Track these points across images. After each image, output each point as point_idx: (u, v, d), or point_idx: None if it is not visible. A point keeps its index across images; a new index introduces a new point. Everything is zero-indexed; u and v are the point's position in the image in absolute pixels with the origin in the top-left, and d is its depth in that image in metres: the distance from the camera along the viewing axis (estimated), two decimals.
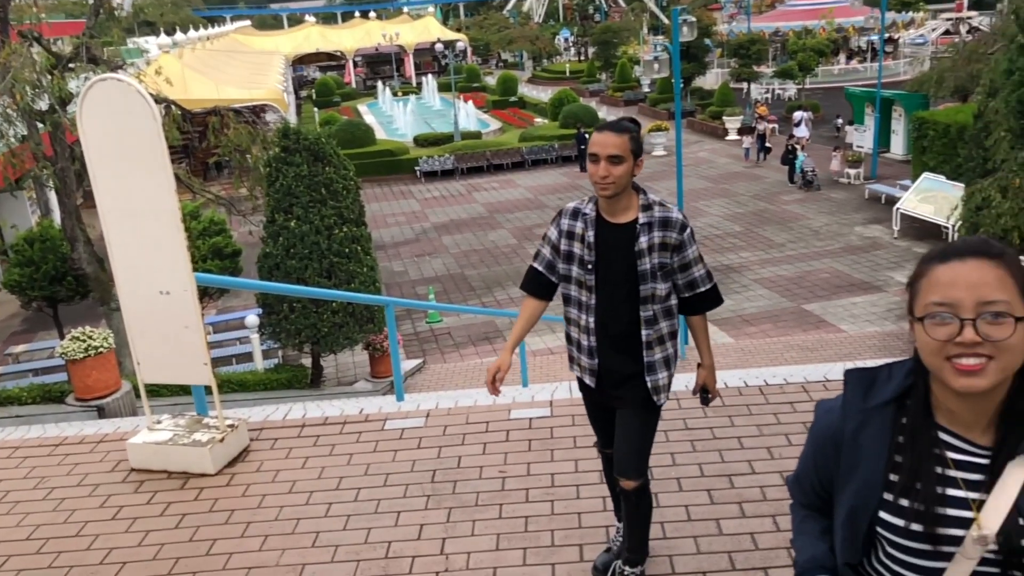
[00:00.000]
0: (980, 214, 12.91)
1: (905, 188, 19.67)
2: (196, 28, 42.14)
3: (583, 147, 28.50)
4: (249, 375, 11.78)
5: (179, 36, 34.51)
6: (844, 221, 20.26)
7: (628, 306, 2.88)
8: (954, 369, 1.32)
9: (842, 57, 42.95)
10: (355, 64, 58.78)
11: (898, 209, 18.61)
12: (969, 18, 36.50)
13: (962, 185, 14.92)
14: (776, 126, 30.41)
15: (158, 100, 12.40)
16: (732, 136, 30.98)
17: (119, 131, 3.90)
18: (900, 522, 1.42)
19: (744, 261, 18.07)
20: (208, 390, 4.42)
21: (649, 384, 2.94)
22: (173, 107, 12.86)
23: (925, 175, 18.79)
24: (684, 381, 5.06)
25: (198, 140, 16.51)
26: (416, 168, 29.92)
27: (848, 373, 1.57)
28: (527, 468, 4.12)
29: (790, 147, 24.43)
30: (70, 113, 10.97)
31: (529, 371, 9.46)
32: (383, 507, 3.89)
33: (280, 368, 12.77)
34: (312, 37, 58.11)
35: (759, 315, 15.07)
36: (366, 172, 28.58)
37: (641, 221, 2.84)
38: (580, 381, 3.13)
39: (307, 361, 13.07)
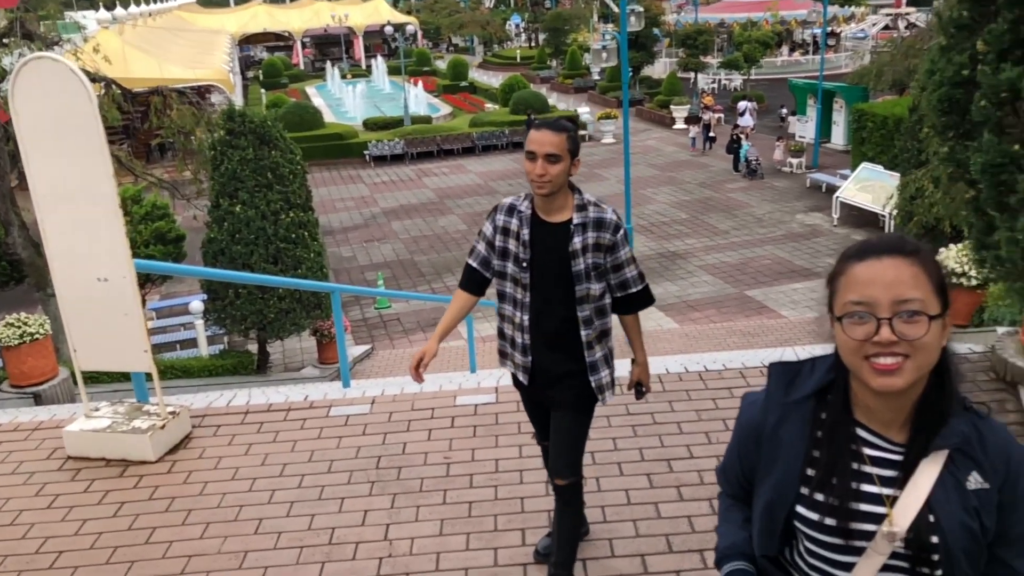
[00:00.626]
0: (914, 203, 13.37)
1: (845, 177, 20.21)
2: (137, 3, 40.87)
3: None
4: (193, 361, 11.60)
5: (119, 11, 33.42)
6: (786, 209, 20.72)
7: (563, 305, 2.89)
8: (872, 368, 1.33)
9: (785, 49, 43.68)
10: (303, 45, 57.71)
11: (838, 198, 19.12)
12: (907, 14, 37.43)
13: (898, 175, 15.39)
14: (722, 116, 30.87)
15: (97, 79, 12.05)
16: (679, 125, 31.35)
17: (53, 113, 3.80)
18: (814, 516, 1.44)
19: (689, 248, 18.37)
20: (149, 376, 4.35)
21: (593, 383, 2.97)
22: (113, 86, 12.49)
23: (864, 165, 19.31)
24: (627, 366, 5.17)
25: (140, 121, 16.06)
26: (365, 152, 29.60)
27: (772, 367, 1.57)
28: (472, 454, 4.16)
29: (735, 136, 24.85)
30: (2, 91, 10.58)
31: (477, 357, 9.50)
32: (327, 493, 3.89)
33: (225, 354, 12.58)
34: (259, 16, 56.79)
35: (703, 301, 15.36)
36: (314, 156, 28.18)
37: (575, 221, 2.85)
38: (514, 377, 3.13)
39: (253, 347, 12.91)
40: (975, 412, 1.44)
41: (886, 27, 40.42)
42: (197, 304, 12.34)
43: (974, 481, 1.39)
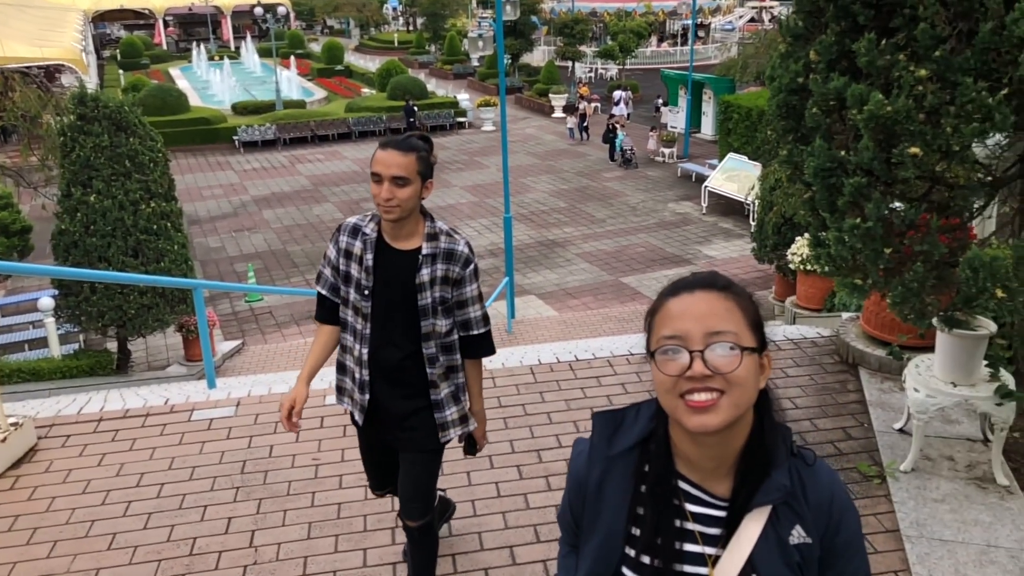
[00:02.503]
0: (774, 194, 14.09)
1: (713, 167, 21.08)
2: None
3: (412, 120, 28.23)
4: (43, 363, 10.80)
5: None
6: (659, 198, 21.44)
7: (406, 340, 2.68)
8: (687, 407, 1.26)
9: (654, 40, 45.07)
10: (166, 24, 54.80)
11: (706, 187, 19.94)
12: (771, 7, 39.41)
13: (760, 165, 16.17)
14: (598, 105, 31.53)
15: None
16: (558, 114, 31.82)
17: None
18: None
19: (568, 236, 18.71)
20: None
21: (438, 421, 2.77)
22: None
23: (730, 155, 20.19)
24: (502, 358, 5.22)
25: None
26: (234, 138, 28.43)
27: (595, 417, 1.48)
28: (341, 454, 4.10)
29: (611, 126, 25.45)
30: None
31: None
32: (188, 502, 3.74)
33: (81, 354, 11.80)
34: None
35: (581, 288, 15.69)
36: (179, 141, 26.91)
37: (425, 251, 2.64)
38: (352, 417, 2.87)
39: (113, 345, 12.19)
40: (802, 458, 1.39)
41: (752, 19, 42.39)
42: (47, 300, 11.50)
43: (796, 535, 1.34)
